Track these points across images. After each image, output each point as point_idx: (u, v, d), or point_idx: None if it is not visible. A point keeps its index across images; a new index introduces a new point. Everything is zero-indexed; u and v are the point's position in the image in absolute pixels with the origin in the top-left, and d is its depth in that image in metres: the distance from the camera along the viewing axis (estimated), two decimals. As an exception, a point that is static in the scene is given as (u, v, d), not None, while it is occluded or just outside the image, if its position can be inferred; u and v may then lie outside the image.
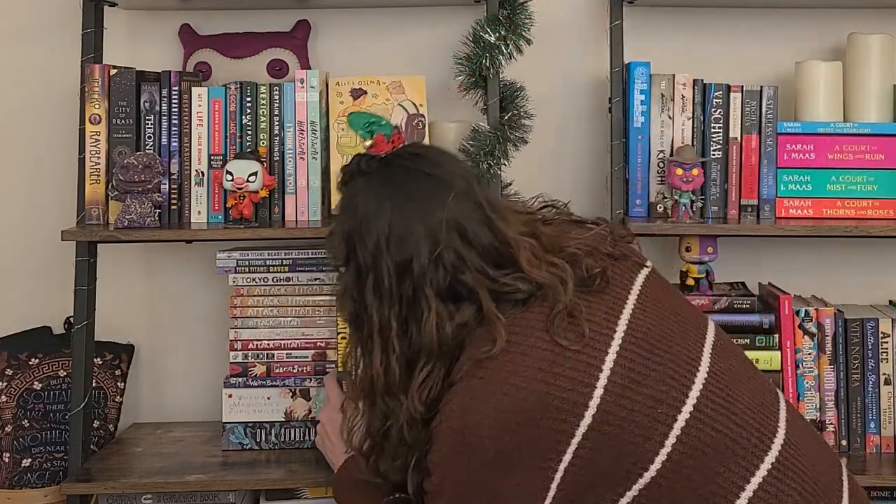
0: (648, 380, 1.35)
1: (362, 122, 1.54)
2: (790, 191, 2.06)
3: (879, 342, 2.02)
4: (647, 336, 1.39)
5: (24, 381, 2.14)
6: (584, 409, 1.32)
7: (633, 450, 1.33)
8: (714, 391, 1.38)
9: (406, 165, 1.48)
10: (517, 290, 1.40)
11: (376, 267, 1.41)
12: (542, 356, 1.33)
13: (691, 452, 1.34)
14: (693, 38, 2.26)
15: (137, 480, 1.90)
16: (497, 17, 2.03)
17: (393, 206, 1.42)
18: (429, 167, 1.47)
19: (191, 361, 2.29)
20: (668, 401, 1.35)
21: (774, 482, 1.36)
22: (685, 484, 1.34)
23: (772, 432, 1.40)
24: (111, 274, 2.23)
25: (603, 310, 1.40)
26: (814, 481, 1.39)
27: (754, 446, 1.37)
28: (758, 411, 1.40)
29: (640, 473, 1.34)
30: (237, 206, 1.96)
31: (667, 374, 1.37)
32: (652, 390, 1.35)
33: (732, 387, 1.40)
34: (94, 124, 2.00)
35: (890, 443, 2.02)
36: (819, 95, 2.07)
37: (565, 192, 2.25)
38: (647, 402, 1.34)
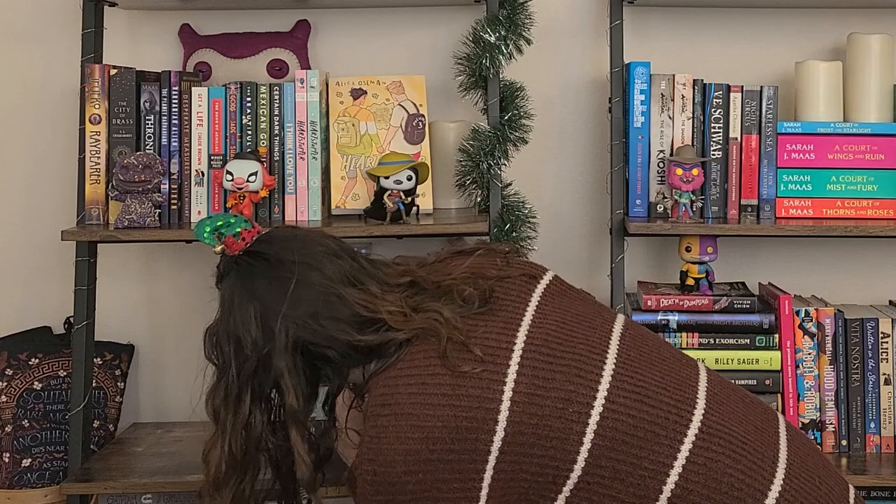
0: (554, 383, 1.37)
1: (207, 230, 1.56)
2: (790, 191, 2.06)
3: (879, 342, 2.02)
4: (547, 342, 1.41)
5: (24, 381, 2.14)
6: (493, 424, 1.34)
7: (552, 454, 1.35)
8: (624, 379, 1.40)
9: (250, 262, 1.51)
10: (391, 340, 1.42)
11: (226, 371, 1.50)
12: (442, 382, 1.36)
13: (612, 444, 1.36)
14: (693, 38, 2.26)
15: (137, 480, 1.90)
16: (497, 17, 2.03)
17: (242, 310, 1.48)
18: (271, 258, 1.50)
19: (191, 361, 2.27)
20: (578, 399, 1.36)
21: (701, 451, 1.37)
22: (613, 475, 1.35)
23: (691, 404, 1.40)
24: (111, 274, 2.23)
25: (499, 326, 1.42)
26: (742, 440, 1.39)
27: (674, 422, 1.38)
28: (673, 388, 1.41)
29: (566, 475, 1.35)
30: (237, 206, 1.96)
31: (572, 373, 1.38)
32: (560, 392, 1.36)
33: (642, 371, 1.42)
34: (94, 124, 2.00)
35: (890, 443, 2.02)
36: (819, 95, 2.07)
37: (565, 192, 2.26)
38: (556, 404, 1.36)
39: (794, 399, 2.00)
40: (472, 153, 2.02)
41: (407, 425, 1.34)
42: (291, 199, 2.02)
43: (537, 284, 1.52)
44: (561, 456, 1.35)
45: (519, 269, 1.54)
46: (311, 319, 1.45)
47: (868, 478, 1.91)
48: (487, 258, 1.56)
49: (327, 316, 1.45)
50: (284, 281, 1.47)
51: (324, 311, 1.46)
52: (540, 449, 1.35)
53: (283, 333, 1.45)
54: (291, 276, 1.47)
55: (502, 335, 1.41)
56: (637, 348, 1.46)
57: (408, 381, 1.37)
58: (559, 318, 1.46)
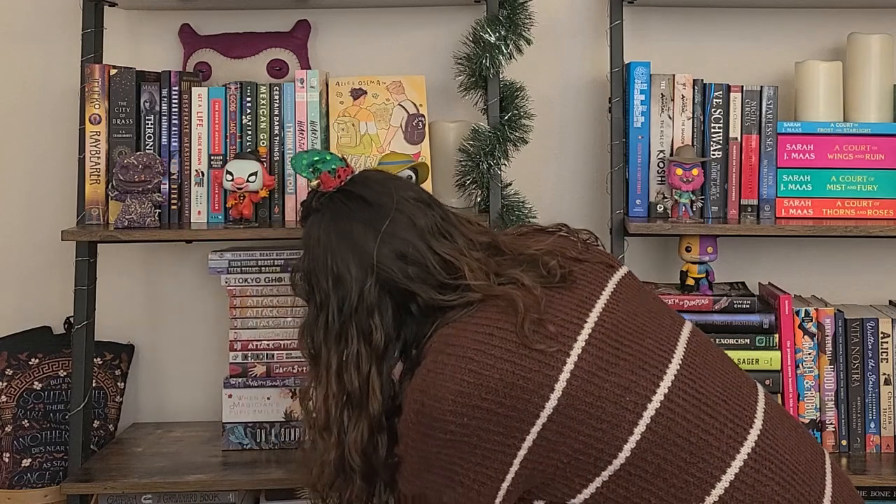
0: (616, 368, 1.37)
1: (304, 163, 1.57)
2: (790, 191, 2.06)
3: (879, 342, 2.02)
4: (616, 328, 1.41)
5: (24, 381, 2.14)
6: (549, 391, 1.34)
7: (600, 436, 1.35)
8: (686, 382, 1.40)
9: (346, 201, 1.51)
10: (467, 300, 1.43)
11: (326, 306, 1.47)
12: (508, 338, 1.36)
13: (661, 442, 1.35)
14: (693, 38, 2.26)
15: (137, 480, 1.90)
16: (497, 17, 2.03)
17: (336, 246, 1.48)
18: (368, 199, 1.50)
19: (191, 361, 2.29)
20: (637, 389, 1.36)
21: (751, 472, 1.36)
22: (655, 473, 1.35)
23: (748, 423, 1.40)
24: (111, 274, 2.23)
25: (573, 303, 1.42)
26: (793, 470, 1.39)
27: (728, 437, 1.38)
28: (733, 402, 1.42)
29: (608, 461, 1.35)
30: (237, 206, 1.96)
31: (636, 364, 1.38)
32: (620, 379, 1.36)
33: (706, 379, 1.42)
34: (94, 124, 2.00)
35: (890, 443, 2.02)
36: (819, 95, 2.07)
37: (565, 192, 2.26)
38: (614, 389, 1.36)
39: (794, 399, 2.00)
40: (472, 153, 2.02)
41: (465, 368, 1.34)
42: (291, 199, 2.02)
43: (614, 273, 1.52)
44: (608, 440, 1.35)
45: (597, 257, 1.55)
46: (401, 262, 1.45)
47: (868, 478, 1.91)
48: (568, 241, 1.58)
49: (415, 262, 1.46)
50: (378, 221, 1.47)
51: (413, 257, 1.46)
52: (588, 428, 1.35)
53: (374, 273, 1.45)
54: (385, 217, 1.47)
55: (575, 311, 1.41)
56: (702, 355, 1.46)
57: (475, 328, 1.38)
58: (631, 309, 1.46)
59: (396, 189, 1.53)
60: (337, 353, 1.46)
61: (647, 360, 1.39)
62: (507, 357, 1.35)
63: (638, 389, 1.36)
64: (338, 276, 1.46)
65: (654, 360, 1.40)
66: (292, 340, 2.06)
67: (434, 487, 1.40)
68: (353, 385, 1.45)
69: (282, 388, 2.04)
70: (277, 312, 2.06)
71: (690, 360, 1.43)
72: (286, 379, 2.04)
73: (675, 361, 1.41)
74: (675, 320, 1.51)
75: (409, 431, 1.38)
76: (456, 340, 1.37)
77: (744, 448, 1.38)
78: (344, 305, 1.45)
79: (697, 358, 1.45)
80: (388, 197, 1.50)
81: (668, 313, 1.53)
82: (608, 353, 1.38)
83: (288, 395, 2.04)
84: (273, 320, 2.06)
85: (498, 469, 1.36)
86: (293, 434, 2.04)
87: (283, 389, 2.04)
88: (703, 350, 1.48)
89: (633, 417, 1.35)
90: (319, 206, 1.53)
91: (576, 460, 1.36)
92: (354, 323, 1.45)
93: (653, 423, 1.35)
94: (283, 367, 2.05)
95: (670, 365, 1.40)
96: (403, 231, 1.47)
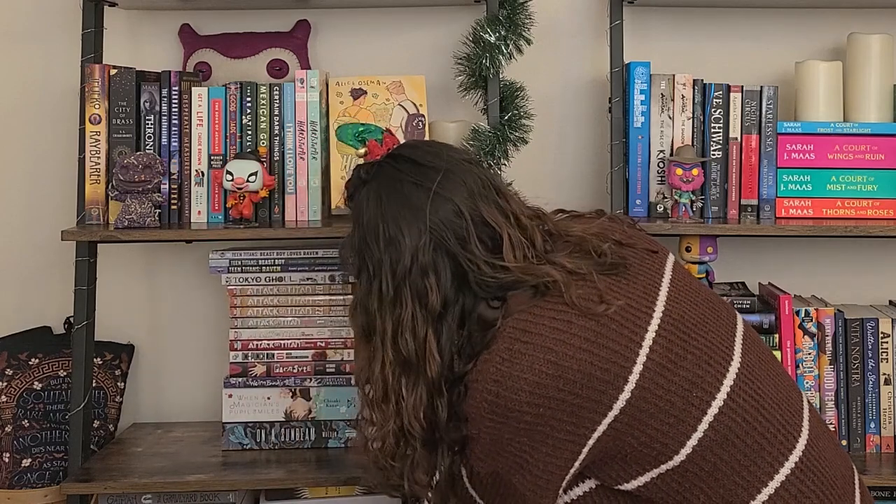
0: (685, 362, 1.36)
1: (352, 133, 1.55)
2: (790, 191, 2.06)
3: (879, 342, 2.02)
4: (682, 319, 1.39)
5: (24, 381, 2.14)
6: (623, 382, 1.33)
7: (666, 430, 1.34)
8: (746, 382, 1.39)
9: (397, 168, 1.48)
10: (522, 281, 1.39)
11: (379, 273, 1.42)
12: (586, 326, 1.34)
13: (721, 441, 1.35)
14: (693, 38, 2.26)
15: (137, 480, 1.90)
16: (497, 17, 2.03)
17: (389, 210, 1.44)
18: (418, 161, 1.47)
19: (191, 361, 2.29)
20: (704, 385, 1.36)
21: (797, 482, 1.37)
22: (710, 472, 1.35)
23: (797, 431, 1.40)
24: (111, 274, 2.23)
25: (639, 291, 1.40)
26: (832, 484, 1.39)
27: (780, 443, 1.38)
28: (784, 408, 1.41)
29: (670, 456, 1.35)
30: (237, 206, 1.96)
31: (702, 359, 1.37)
32: (688, 373, 1.36)
33: (762, 381, 1.41)
34: (94, 124, 2.00)
35: (890, 443, 2.02)
36: (819, 95, 2.07)
37: (565, 192, 2.26)
38: (682, 384, 1.35)
39: (794, 399, 2.00)
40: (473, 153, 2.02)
41: (544, 359, 1.32)
42: (291, 199, 2.02)
43: (665, 260, 1.50)
44: (673, 434, 1.35)
45: (642, 242, 1.52)
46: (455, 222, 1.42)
47: (868, 478, 1.90)
48: (614, 223, 1.55)
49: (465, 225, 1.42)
50: (429, 181, 1.44)
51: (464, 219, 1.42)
52: (657, 422, 1.34)
53: (428, 231, 1.41)
54: (436, 179, 1.44)
55: (642, 299, 1.39)
56: (756, 353, 1.46)
57: (553, 315, 1.35)
58: (691, 299, 1.44)
59: (447, 150, 1.51)
60: (392, 319, 1.41)
61: (712, 356, 1.39)
62: (586, 347, 1.33)
63: (704, 385, 1.36)
64: (390, 239, 1.42)
65: (717, 356, 1.39)
66: (293, 340, 2.06)
67: (504, 468, 1.38)
68: (409, 349, 1.40)
69: (282, 388, 2.04)
70: (277, 312, 2.06)
71: (748, 359, 1.42)
72: (286, 379, 2.04)
73: (735, 359, 1.41)
74: (729, 312, 1.50)
75: (482, 418, 1.36)
76: (533, 328, 1.34)
77: (792, 456, 1.38)
78: (398, 267, 1.41)
79: (753, 356, 1.44)
80: (438, 158, 1.47)
81: (722, 303, 1.52)
82: (677, 346, 1.37)
83: (288, 395, 2.04)
84: (273, 320, 2.06)
85: (567, 458, 1.36)
86: (293, 434, 2.04)
87: (283, 389, 2.04)
88: (757, 347, 1.48)
89: (698, 413, 1.35)
90: (368, 177, 1.50)
91: (639, 451, 1.36)
92: (409, 284, 1.40)
93: (715, 420, 1.35)
94: (283, 367, 2.05)
95: (731, 363, 1.40)
96: (455, 192, 1.43)
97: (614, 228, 1.53)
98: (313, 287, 2.06)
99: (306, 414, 2.04)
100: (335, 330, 2.06)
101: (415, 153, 1.49)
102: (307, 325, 2.06)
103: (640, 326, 1.36)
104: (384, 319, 1.42)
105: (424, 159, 1.47)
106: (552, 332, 1.34)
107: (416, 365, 1.40)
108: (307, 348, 2.06)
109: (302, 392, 2.04)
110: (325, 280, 2.05)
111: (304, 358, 2.06)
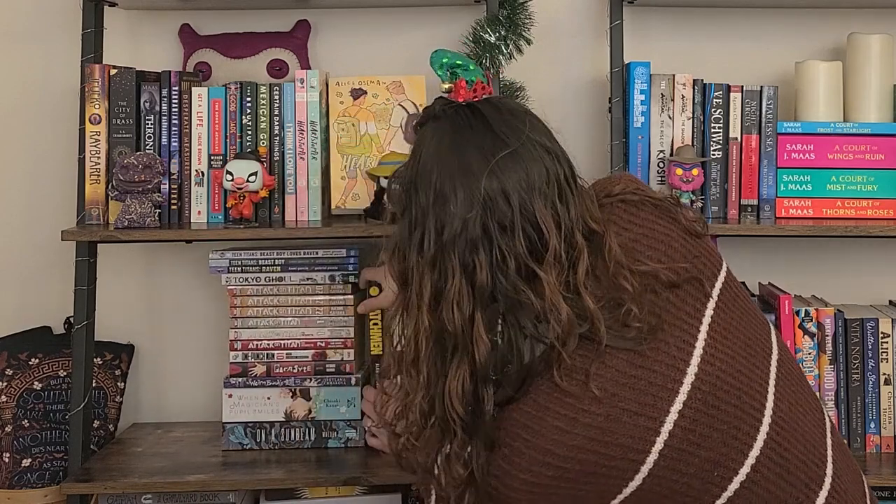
0: (710, 441, 1.26)
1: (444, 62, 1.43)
2: (790, 191, 2.06)
3: (879, 342, 2.02)
4: (714, 388, 1.27)
5: (24, 381, 2.14)
6: (633, 474, 1.24)
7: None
8: (773, 448, 1.29)
9: (471, 118, 1.34)
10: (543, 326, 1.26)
11: (423, 224, 1.29)
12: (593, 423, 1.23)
13: None
14: (693, 38, 2.26)
15: (137, 480, 1.90)
16: (497, 17, 2.03)
17: (447, 161, 1.30)
18: (493, 125, 1.33)
19: (191, 361, 2.29)
20: (727, 463, 1.27)
21: None
22: None
23: (819, 483, 1.32)
24: (111, 274, 2.23)
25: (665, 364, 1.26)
26: None
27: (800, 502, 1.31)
28: (810, 462, 1.32)
29: None
30: (237, 206, 1.96)
31: (730, 433, 1.27)
32: (711, 453, 1.26)
33: (790, 438, 1.32)
34: (94, 124, 2.00)
35: (890, 443, 2.02)
36: (819, 95, 2.07)
37: (565, 192, 2.25)
38: (704, 465, 1.26)
39: (794, 399, 2.00)
40: (472, 153, 2.02)
41: (542, 461, 1.23)
42: (291, 199, 2.02)
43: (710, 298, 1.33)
44: None
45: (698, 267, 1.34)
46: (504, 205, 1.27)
47: (868, 478, 1.87)
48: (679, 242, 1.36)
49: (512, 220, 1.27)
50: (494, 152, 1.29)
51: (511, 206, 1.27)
52: (670, 502, 1.27)
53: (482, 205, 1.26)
54: (505, 148, 1.29)
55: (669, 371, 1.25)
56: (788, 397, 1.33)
57: (558, 411, 1.24)
58: (730, 349, 1.30)
59: (529, 126, 1.34)
60: (431, 283, 1.27)
61: (741, 426, 1.27)
62: (590, 447, 1.23)
63: (727, 463, 1.26)
64: (441, 194, 1.28)
65: (747, 423, 1.28)
66: (293, 340, 2.06)
67: None
68: (455, 325, 1.25)
69: (282, 388, 2.04)
70: (277, 312, 2.06)
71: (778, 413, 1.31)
72: (286, 379, 2.04)
73: (765, 420, 1.29)
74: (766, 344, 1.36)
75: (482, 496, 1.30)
76: (536, 425, 1.24)
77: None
78: (444, 230, 1.27)
79: (784, 403, 1.32)
80: (515, 131, 1.32)
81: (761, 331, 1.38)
82: (702, 425, 1.25)
83: (288, 395, 2.04)
84: (273, 320, 2.06)
85: None
86: (293, 434, 2.04)
87: (283, 389, 2.04)
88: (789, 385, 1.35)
89: (717, 491, 1.27)
90: (441, 114, 1.37)
91: None
92: (456, 254, 1.26)
93: (735, 495, 1.27)
94: (283, 367, 2.05)
95: (761, 427, 1.29)
96: (513, 174, 1.28)
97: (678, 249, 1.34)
98: (313, 287, 2.06)
99: (306, 414, 2.04)
100: (335, 330, 2.06)
101: (495, 115, 1.34)
102: (307, 325, 2.06)
103: (661, 409, 1.23)
104: (422, 279, 1.28)
105: (500, 127, 1.32)
106: (553, 432, 1.23)
107: (462, 344, 1.26)
108: (307, 348, 2.06)
109: (302, 392, 2.04)
110: (325, 280, 2.05)
111: (304, 358, 2.06)
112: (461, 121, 1.34)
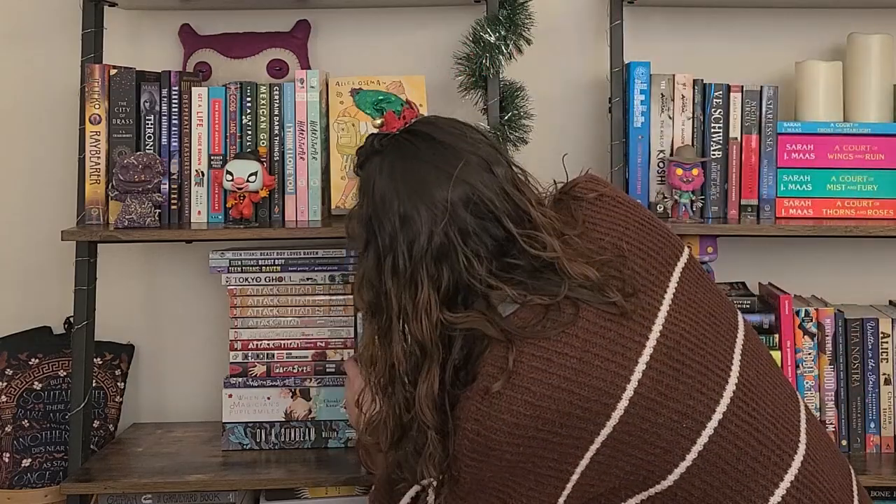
0: (676, 393, 1.32)
1: (370, 101, 1.50)
2: (790, 191, 2.06)
3: (879, 342, 2.02)
4: (678, 345, 1.35)
5: (24, 381, 2.14)
6: (605, 419, 1.30)
7: (651, 460, 1.32)
8: (740, 406, 1.36)
9: (415, 142, 1.42)
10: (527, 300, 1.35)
11: (393, 249, 1.36)
12: (567, 364, 1.30)
13: (711, 469, 1.33)
14: (693, 38, 2.26)
15: (137, 480, 1.90)
16: (497, 17, 2.03)
17: (404, 186, 1.37)
18: (437, 138, 1.41)
19: (191, 361, 2.29)
20: (694, 415, 1.33)
21: (793, 501, 1.35)
22: (701, 497, 1.33)
23: (793, 448, 1.38)
24: (111, 274, 2.23)
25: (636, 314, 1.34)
26: (830, 498, 1.38)
27: (775, 464, 1.35)
28: (781, 425, 1.38)
29: (656, 481, 1.33)
30: (237, 206, 1.96)
31: (695, 387, 1.34)
32: (679, 404, 1.32)
33: (758, 400, 1.38)
34: (94, 124, 2.00)
35: (890, 443, 2.02)
36: (819, 95, 2.07)
37: (565, 192, 2.25)
38: (672, 416, 1.32)
39: (794, 399, 2.00)
40: (472, 153, 2.01)
41: (521, 399, 1.28)
42: (291, 199, 2.02)
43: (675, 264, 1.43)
44: (659, 464, 1.32)
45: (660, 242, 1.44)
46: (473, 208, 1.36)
47: (868, 478, 1.91)
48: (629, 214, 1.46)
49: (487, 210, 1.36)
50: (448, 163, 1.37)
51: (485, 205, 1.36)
52: (641, 452, 1.32)
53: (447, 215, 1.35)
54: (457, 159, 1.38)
55: (637, 326, 1.33)
56: (754, 367, 1.41)
57: (532, 352, 1.30)
58: (693, 315, 1.39)
59: (468, 130, 1.44)
60: (410, 299, 1.35)
61: (705, 382, 1.35)
62: (565, 386, 1.29)
63: (694, 415, 1.33)
64: (406, 217, 1.36)
65: (711, 381, 1.35)
66: (293, 340, 2.06)
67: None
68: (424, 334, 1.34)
69: (282, 388, 2.04)
70: (277, 312, 2.06)
71: (745, 377, 1.38)
72: (286, 379, 2.04)
73: (731, 380, 1.37)
74: (730, 322, 1.44)
75: (464, 456, 1.33)
76: (512, 366, 1.30)
77: (787, 475, 1.36)
78: (413, 248, 1.35)
79: (751, 372, 1.40)
80: (459, 138, 1.41)
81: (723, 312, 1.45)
82: (668, 377, 1.32)
83: (288, 395, 2.04)
84: (273, 320, 2.06)
85: (550, 493, 1.34)
86: (293, 434, 2.04)
87: (283, 389, 2.04)
88: (756, 359, 1.43)
89: (687, 444, 1.32)
90: (382, 148, 1.43)
91: (626, 480, 1.33)
92: (424, 267, 1.35)
93: (705, 449, 1.32)
94: (283, 367, 2.05)
95: (726, 387, 1.36)
96: (476, 175, 1.37)
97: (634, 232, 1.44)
98: (313, 287, 2.06)
99: (306, 414, 2.04)
100: (335, 330, 2.06)
101: (435, 131, 1.43)
102: (307, 325, 2.06)
103: (630, 359, 1.31)
104: (400, 298, 1.36)
105: (444, 138, 1.41)
106: (530, 371, 1.29)
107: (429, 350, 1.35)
108: (307, 348, 2.06)
109: (302, 392, 2.04)
110: (325, 280, 2.05)
111: (303, 358, 2.06)
112: (406, 146, 1.42)
